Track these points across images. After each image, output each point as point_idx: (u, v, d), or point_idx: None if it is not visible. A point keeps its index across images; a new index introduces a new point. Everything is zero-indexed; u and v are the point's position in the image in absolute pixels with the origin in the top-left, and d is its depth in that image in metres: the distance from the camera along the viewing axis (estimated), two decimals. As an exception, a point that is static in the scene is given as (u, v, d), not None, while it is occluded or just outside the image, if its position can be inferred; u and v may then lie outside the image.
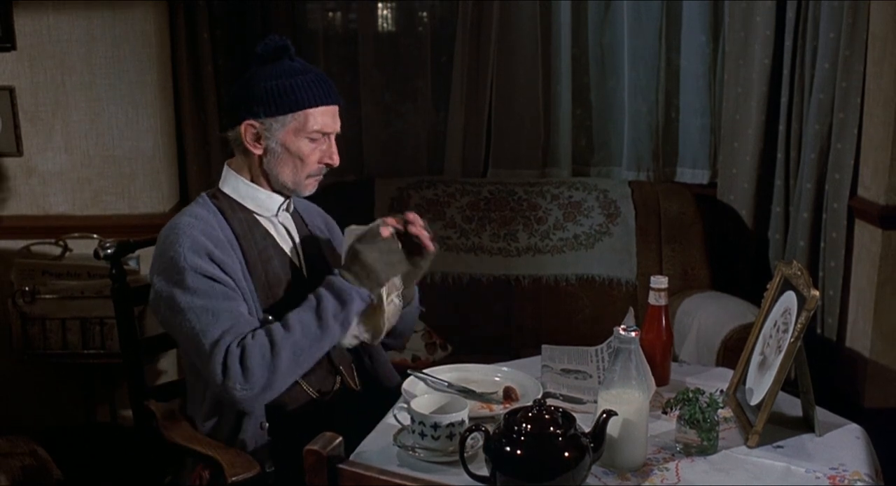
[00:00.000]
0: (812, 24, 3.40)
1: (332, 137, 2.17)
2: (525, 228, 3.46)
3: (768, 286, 2.18)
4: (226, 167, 2.23)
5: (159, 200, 3.34)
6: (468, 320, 3.41)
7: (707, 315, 3.12)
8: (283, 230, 2.25)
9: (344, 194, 3.51)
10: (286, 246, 2.23)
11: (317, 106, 2.13)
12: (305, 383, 2.17)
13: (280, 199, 2.21)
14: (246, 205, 2.19)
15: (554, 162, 3.77)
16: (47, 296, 3.10)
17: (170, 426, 2.18)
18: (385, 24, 3.87)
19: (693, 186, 3.74)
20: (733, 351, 2.79)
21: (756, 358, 2.11)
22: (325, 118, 2.14)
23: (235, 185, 2.20)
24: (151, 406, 2.27)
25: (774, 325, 2.09)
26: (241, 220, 2.17)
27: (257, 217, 2.20)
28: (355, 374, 2.29)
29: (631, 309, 2.46)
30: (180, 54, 3.37)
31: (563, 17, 3.64)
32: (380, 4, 3.84)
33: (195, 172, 3.46)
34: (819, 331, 3.52)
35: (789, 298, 2.06)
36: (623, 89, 3.74)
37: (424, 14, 3.81)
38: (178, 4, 3.33)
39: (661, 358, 2.22)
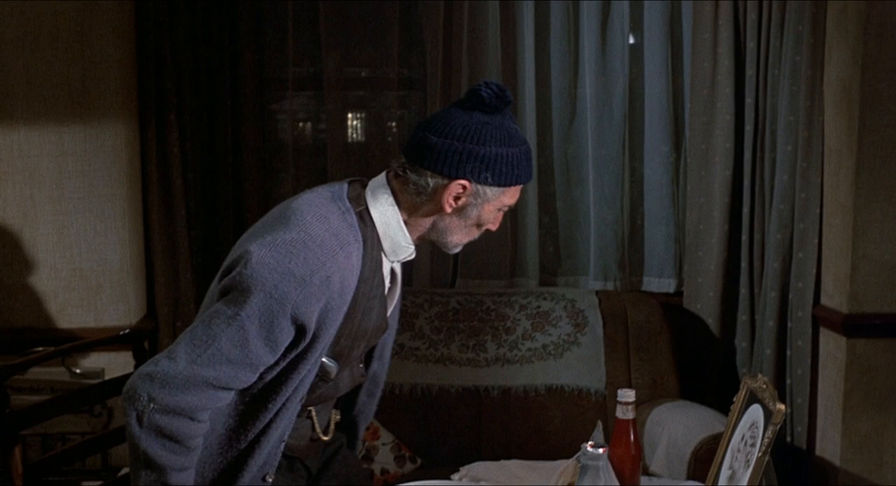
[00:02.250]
0: (770, 138, 3.50)
1: None
2: (493, 338, 3.47)
3: (735, 399, 2.19)
4: (388, 189, 1.99)
5: (126, 313, 3.32)
6: (437, 431, 3.38)
7: (677, 425, 3.11)
8: (389, 276, 2.09)
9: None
10: (389, 295, 2.10)
11: (525, 183, 2.00)
12: (318, 423, 2.11)
13: (412, 250, 2.04)
14: (382, 243, 2.00)
15: (521, 272, 3.80)
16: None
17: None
18: (355, 135, 3.94)
19: (659, 295, 3.77)
20: (704, 462, 2.78)
21: (725, 472, 2.10)
22: (518, 194, 2.02)
23: (388, 219, 1.98)
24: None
25: (742, 438, 2.09)
26: (372, 260, 1.97)
27: (383, 258, 2.02)
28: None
29: (599, 423, 2.46)
30: (150, 168, 3.40)
31: (528, 127, 3.71)
32: (350, 115, 3.91)
33: (162, 283, 3.45)
34: (789, 439, 3.51)
35: (756, 411, 2.07)
36: (589, 198, 3.80)
37: (393, 124, 3.88)
38: (149, 120, 3.38)
39: (630, 472, 2.20)
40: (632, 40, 3.76)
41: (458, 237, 2.02)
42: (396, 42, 3.72)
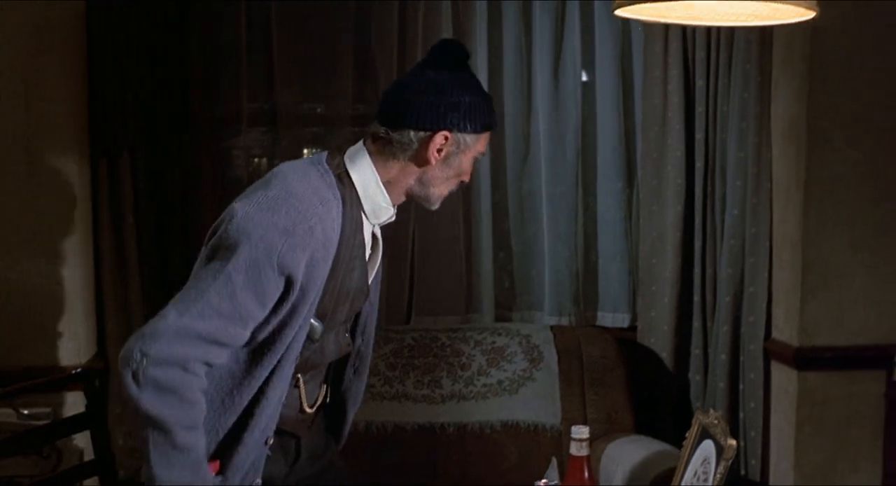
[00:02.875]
0: (720, 174, 3.56)
1: None
2: (449, 374, 3.46)
3: (687, 435, 2.20)
4: (365, 152, 2.07)
5: (76, 352, 3.27)
6: (393, 469, 3.35)
7: (632, 461, 3.11)
8: (370, 240, 2.15)
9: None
10: (370, 263, 2.15)
11: (494, 128, 2.13)
12: (306, 394, 2.13)
13: (392, 212, 2.11)
14: (363, 203, 2.06)
15: (477, 308, 3.80)
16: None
17: None
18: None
19: (613, 329, 3.79)
20: (660, 497, 2.79)
21: (678, 509, 2.11)
22: (487, 141, 2.13)
23: (367, 180, 2.06)
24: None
25: (695, 474, 2.10)
26: (352, 219, 2.03)
27: (363, 219, 2.08)
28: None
29: (554, 459, 2.47)
30: (102, 206, 3.36)
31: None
32: (305, 150, 3.91)
33: (114, 323, 3.41)
34: (743, 472, 3.54)
35: (708, 447, 2.08)
36: (543, 234, 3.82)
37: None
38: (100, 158, 3.35)
39: (584, 510, 2.21)
40: (585, 78, 3.81)
41: (441, 189, 2.11)
42: (351, 79, 3.73)
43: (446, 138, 2.03)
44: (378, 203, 2.07)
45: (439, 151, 2.04)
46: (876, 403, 3.36)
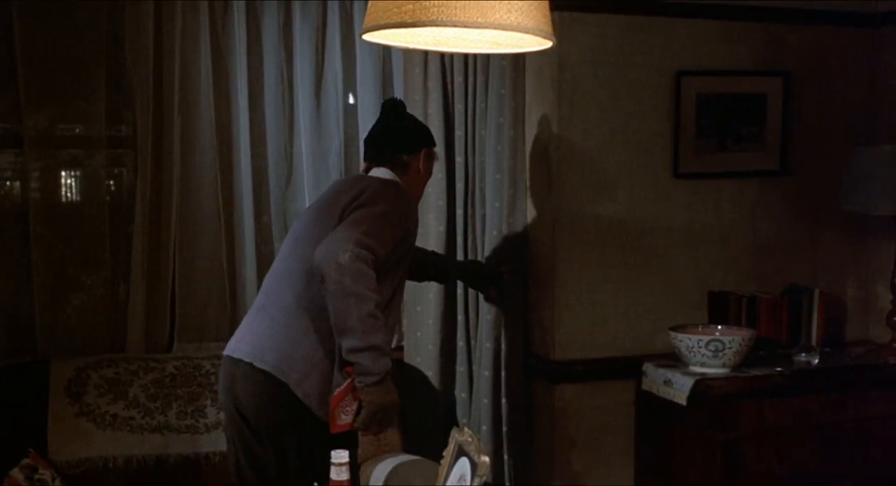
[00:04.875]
0: (479, 195, 3.66)
1: None
2: (213, 403, 3.37)
3: (444, 454, 2.25)
4: (394, 174, 2.92)
5: None
6: (157, 505, 3.24)
7: (397, 481, 3.14)
8: None
9: (15, 378, 3.29)
10: None
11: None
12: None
13: None
14: None
15: (242, 333, 3.72)
16: None
17: None
18: (69, 194, 3.73)
19: (381, 349, 3.81)
20: (423, 516, 2.82)
21: (436, 527, 2.14)
22: None
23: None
24: None
25: (452, 491, 2.14)
26: None
27: None
28: None
29: (315, 484, 2.44)
30: None
31: (245, 186, 3.67)
32: (63, 173, 3.71)
33: None
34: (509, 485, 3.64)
35: (464, 464, 2.13)
36: (310, 257, 3.79)
37: (111, 182, 3.72)
38: None
39: (345, 535, 2.20)
40: (351, 100, 3.83)
41: (421, 189, 3.07)
42: (104, 100, 3.58)
43: (426, 153, 2.99)
44: None
45: (424, 162, 2.97)
46: (627, 411, 3.55)
